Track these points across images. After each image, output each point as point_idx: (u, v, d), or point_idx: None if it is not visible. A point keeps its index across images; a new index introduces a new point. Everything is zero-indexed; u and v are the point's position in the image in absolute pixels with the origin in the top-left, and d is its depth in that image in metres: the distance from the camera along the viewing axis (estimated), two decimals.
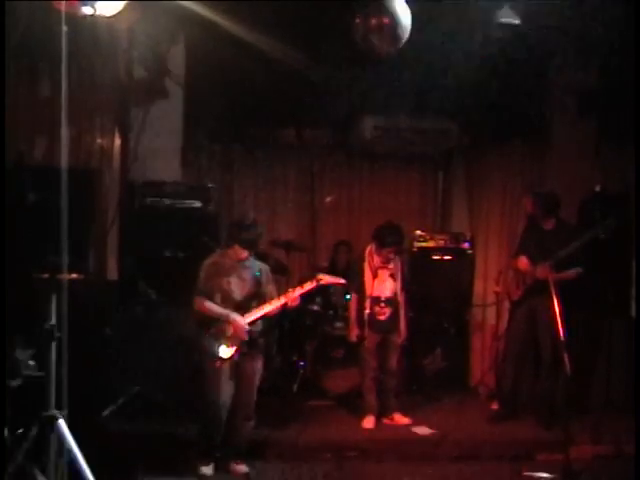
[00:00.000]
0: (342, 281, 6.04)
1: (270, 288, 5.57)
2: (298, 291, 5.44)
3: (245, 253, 5.44)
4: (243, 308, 5.39)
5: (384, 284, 6.55)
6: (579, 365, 6.02)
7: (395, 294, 6.57)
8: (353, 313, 6.65)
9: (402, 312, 6.62)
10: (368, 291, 6.57)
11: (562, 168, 7.66)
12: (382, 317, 6.53)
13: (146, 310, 6.47)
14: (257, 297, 5.45)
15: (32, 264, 5.23)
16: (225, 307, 5.34)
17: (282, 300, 5.42)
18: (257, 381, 5.51)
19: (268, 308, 5.40)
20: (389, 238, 6.45)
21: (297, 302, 5.48)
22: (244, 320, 5.31)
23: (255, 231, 5.51)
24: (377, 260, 6.56)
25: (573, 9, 6.15)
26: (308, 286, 5.47)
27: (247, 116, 8.29)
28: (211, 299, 5.35)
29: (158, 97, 7.20)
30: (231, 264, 5.45)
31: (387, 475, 5.47)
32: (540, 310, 6.46)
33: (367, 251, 6.63)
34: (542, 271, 6.35)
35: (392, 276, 6.56)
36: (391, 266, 6.57)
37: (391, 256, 6.50)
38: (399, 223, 6.82)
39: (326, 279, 5.58)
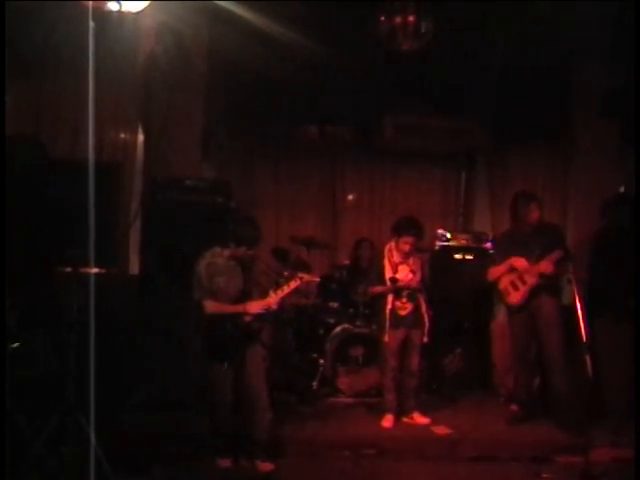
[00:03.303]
0: (317, 279, 6.39)
1: (263, 280, 5.59)
2: (286, 290, 5.45)
3: (246, 250, 5.44)
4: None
5: (404, 279, 6.53)
6: (599, 368, 5.98)
7: (415, 289, 6.56)
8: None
9: (423, 309, 6.60)
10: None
11: (586, 169, 7.62)
12: (404, 312, 6.51)
13: (166, 305, 6.48)
14: (252, 294, 5.46)
15: (55, 258, 5.26)
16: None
17: (276, 296, 5.42)
18: (263, 373, 5.51)
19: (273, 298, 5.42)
20: (407, 228, 6.44)
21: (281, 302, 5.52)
22: (260, 305, 5.36)
23: (256, 228, 5.52)
24: (397, 256, 6.54)
25: (598, 10, 6.14)
26: (293, 284, 5.48)
27: (269, 113, 8.31)
28: (215, 299, 5.37)
29: (180, 93, 7.22)
30: (225, 263, 5.44)
31: (405, 474, 5.46)
32: (541, 311, 6.45)
33: (387, 248, 6.61)
34: (547, 265, 6.33)
35: (412, 272, 6.54)
36: (411, 262, 6.55)
37: (409, 248, 6.47)
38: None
39: (306, 277, 5.60)
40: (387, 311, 6.49)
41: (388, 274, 6.54)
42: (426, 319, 6.58)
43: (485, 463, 5.69)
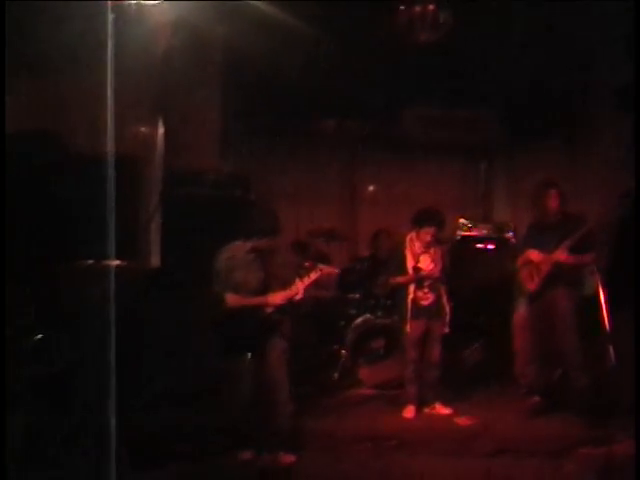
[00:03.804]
0: (336, 271, 6.44)
1: (283, 273, 5.59)
2: (307, 281, 5.43)
3: (267, 242, 5.43)
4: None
5: (426, 270, 6.52)
6: (622, 358, 5.93)
7: (436, 279, 6.54)
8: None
9: (444, 299, 6.58)
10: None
11: (604, 160, 7.55)
12: (425, 302, 6.49)
13: (185, 298, 6.50)
14: (272, 286, 5.46)
15: (75, 252, 5.29)
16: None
17: (297, 288, 5.41)
18: (284, 365, 5.50)
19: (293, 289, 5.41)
20: (428, 218, 6.43)
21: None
22: (280, 297, 5.34)
23: (275, 219, 5.51)
24: (418, 246, 6.52)
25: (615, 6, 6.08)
26: (314, 276, 5.46)
27: (287, 106, 8.30)
28: (235, 292, 5.37)
29: (198, 87, 7.23)
30: (245, 256, 5.43)
31: (427, 465, 5.44)
32: (556, 303, 6.40)
33: (408, 238, 6.59)
34: (561, 254, 6.28)
35: (434, 262, 6.52)
36: (432, 252, 6.53)
37: (430, 238, 6.45)
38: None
39: (326, 269, 5.59)
40: (409, 301, 6.47)
41: (410, 264, 6.52)
42: (447, 310, 6.57)
43: (506, 455, 5.65)
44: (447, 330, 6.57)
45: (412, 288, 6.48)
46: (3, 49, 4.84)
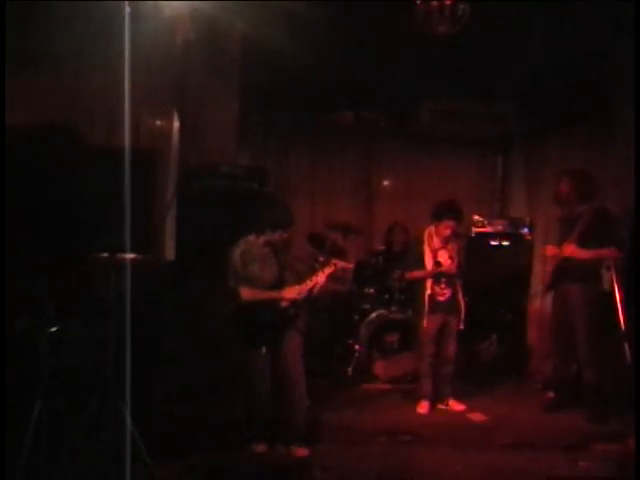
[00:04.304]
0: (351, 265, 6.43)
1: (298, 266, 5.58)
2: (321, 275, 5.42)
3: (281, 235, 5.42)
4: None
5: (444, 264, 6.51)
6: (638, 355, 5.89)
7: (453, 275, 6.53)
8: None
9: (460, 295, 6.58)
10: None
11: (624, 154, 7.47)
12: (442, 298, 6.49)
13: (202, 291, 6.51)
14: (288, 280, 5.45)
15: (92, 245, 5.30)
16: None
17: (311, 282, 5.40)
18: (301, 359, 5.50)
19: (309, 284, 5.39)
20: (447, 212, 6.41)
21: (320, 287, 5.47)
22: (295, 291, 5.34)
23: (288, 211, 5.50)
24: (437, 241, 6.52)
25: None
26: (328, 270, 5.44)
27: (304, 98, 8.29)
28: (250, 286, 5.37)
29: (215, 79, 7.22)
30: (260, 250, 5.43)
31: (441, 460, 5.44)
32: (570, 296, 6.38)
33: (427, 233, 6.57)
34: (567, 249, 6.25)
35: (451, 258, 6.51)
36: (450, 247, 6.53)
37: (449, 232, 6.43)
38: None
39: (340, 264, 5.56)
40: (426, 296, 6.47)
41: (429, 259, 6.51)
42: (462, 306, 6.56)
43: (520, 450, 5.63)
44: (462, 327, 6.57)
45: (429, 283, 6.48)
46: (3, 49, 4.84)
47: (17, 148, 4.70)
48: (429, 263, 6.51)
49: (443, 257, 6.51)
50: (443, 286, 6.49)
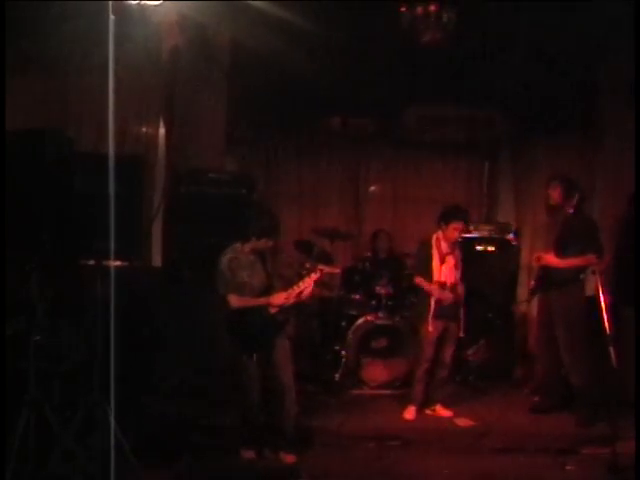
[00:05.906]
0: (337, 271, 6.55)
1: (287, 273, 5.59)
2: (307, 282, 5.42)
3: (266, 242, 5.41)
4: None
5: (450, 271, 6.52)
6: (624, 359, 5.92)
7: (457, 282, 6.55)
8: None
9: (461, 301, 6.61)
10: (436, 277, 6.52)
11: (612, 160, 7.52)
12: (446, 304, 6.49)
13: (190, 297, 6.51)
14: (276, 286, 5.46)
15: (80, 251, 5.29)
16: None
17: (298, 288, 5.41)
18: (291, 366, 5.49)
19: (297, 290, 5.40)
20: (455, 214, 6.43)
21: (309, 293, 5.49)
22: (282, 297, 5.34)
23: (273, 218, 5.51)
24: (444, 246, 6.51)
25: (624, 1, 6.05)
26: (314, 276, 5.45)
27: (292, 105, 8.30)
28: (239, 293, 5.37)
29: (203, 86, 7.23)
30: (247, 257, 5.42)
31: (429, 465, 5.45)
32: (552, 301, 6.47)
33: (434, 238, 6.56)
34: (548, 257, 6.37)
35: (456, 266, 6.54)
36: (456, 253, 6.55)
37: (457, 234, 6.44)
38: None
39: (326, 269, 5.58)
40: (432, 301, 6.46)
41: (436, 266, 6.51)
42: (462, 313, 6.60)
43: (509, 455, 5.64)
44: (462, 334, 6.62)
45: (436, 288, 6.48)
46: (3, 49, 4.84)
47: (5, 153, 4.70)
48: (437, 267, 6.51)
49: (449, 263, 6.50)
50: (448, 292, 6.50)
